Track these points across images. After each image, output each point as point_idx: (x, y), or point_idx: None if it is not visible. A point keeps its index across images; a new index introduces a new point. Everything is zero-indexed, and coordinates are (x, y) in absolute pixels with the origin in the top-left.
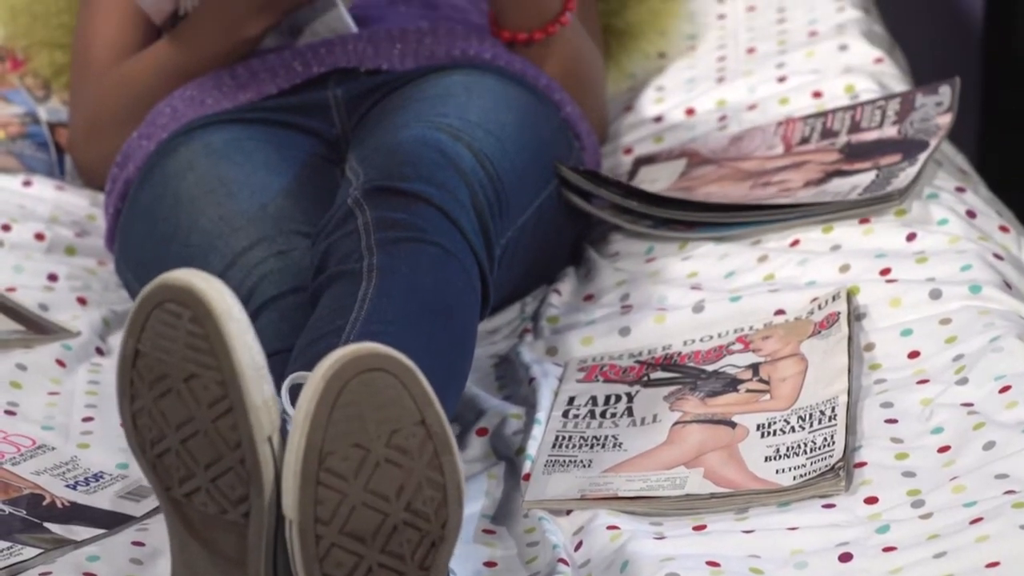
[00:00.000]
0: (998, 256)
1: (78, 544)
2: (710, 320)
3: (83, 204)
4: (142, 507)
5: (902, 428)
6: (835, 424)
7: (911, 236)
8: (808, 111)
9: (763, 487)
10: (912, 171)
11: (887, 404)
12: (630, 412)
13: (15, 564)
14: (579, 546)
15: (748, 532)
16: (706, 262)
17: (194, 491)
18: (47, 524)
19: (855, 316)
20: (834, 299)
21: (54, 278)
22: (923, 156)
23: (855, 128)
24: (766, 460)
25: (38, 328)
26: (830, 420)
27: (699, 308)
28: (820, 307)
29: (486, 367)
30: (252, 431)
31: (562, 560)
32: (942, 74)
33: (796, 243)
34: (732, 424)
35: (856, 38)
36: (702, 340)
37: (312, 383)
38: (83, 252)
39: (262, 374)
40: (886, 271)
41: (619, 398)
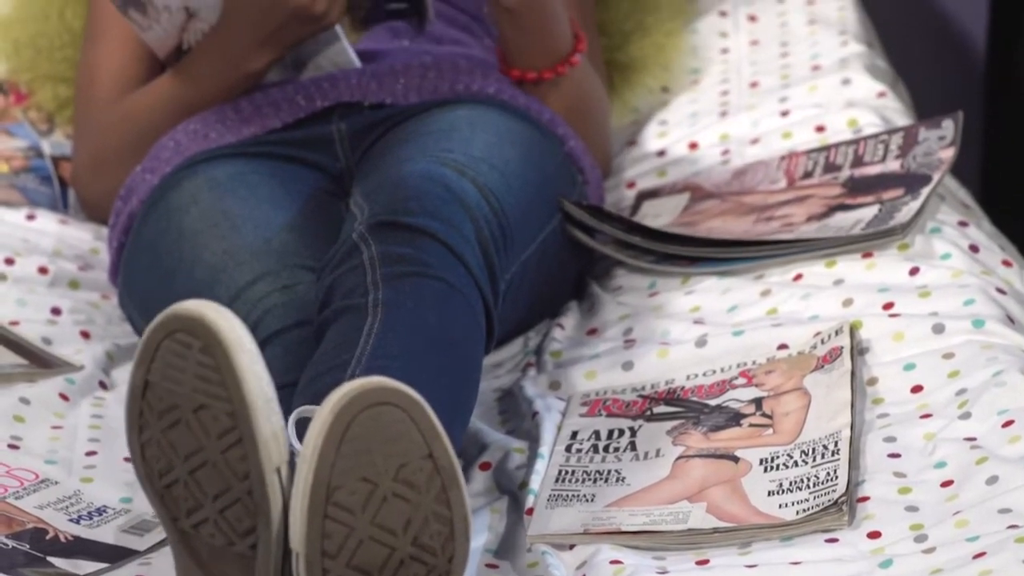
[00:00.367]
0: (1001, 291)
1: None
2: (713, 354)
3: (87, 238)
4: (145, 541)
5: (905, 462)
6: (838, 458)
7: (914, 270)
8: (811, 145)
9: (766, 521)
10: (915, 205)
11: (890, 438)
12: (633, 446)
13: None
14: None
15: (751, 567)
16: (709, 296)
17: (201, 522)
18: (50, 558)
19: (858, 350)
20: (837, 333)
21: (57, 312)
22: (926, 190)
23: (858, 162)
24: (769, 494)
25: (41, 362)
26: (833, 454)
27: (702, 342)
28: (823, 341)
29: (489, 401)
30: (261, 462)
31: None
32: (945, 108)
33: (799, 277)
34: (735, 458)
35: (859, 72)
36: (705, 374)
37: (320, 417)
38: (86, 286)
39: (272, 406)
40: (889, 305)
41: (622, 432)
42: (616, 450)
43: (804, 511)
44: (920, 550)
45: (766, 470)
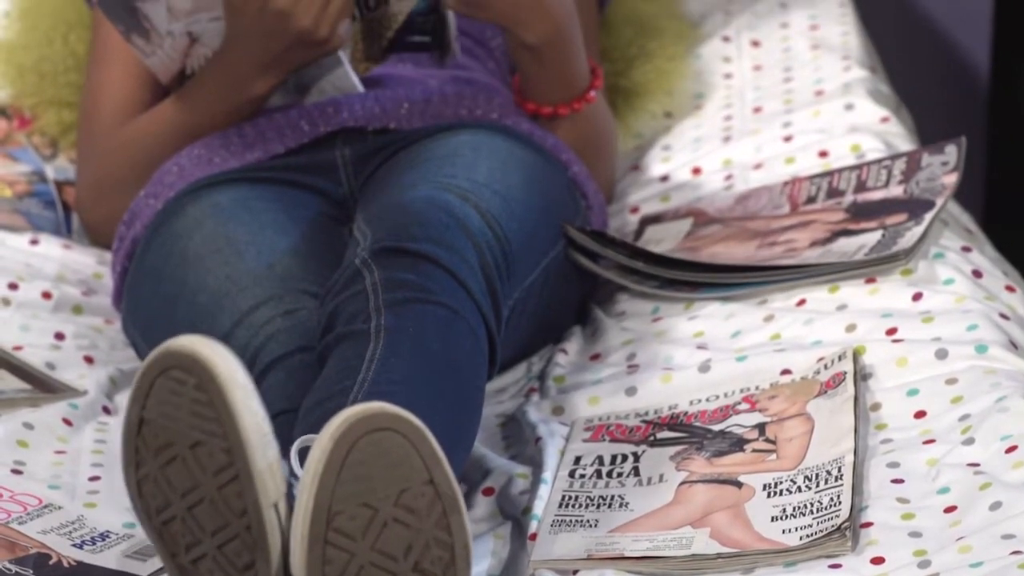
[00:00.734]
0: (1004, 316)
1: None
2: (716, 380)
3: (90, 263)
4: (148, 566)
5: (908, 488)
6: (841, 484)
7: (917, 296)
8: (814, 170)
9: (769, 547)
10: (918, 231)
11: (893, 464)
12: (636, 472)
13: None
14: None
15: None
16: (712, 322)
17: (200, 558)
18: None
19: (861, 376)
20: (840, 359)
21: (61, 337)
22: (929, 216)
23: (861, 188)
24: (772, 520)
25: (45, 387)
26: (836, 480)
27: (705, 368)
28: (826, 367)
29: (492, 426)
30: (258, 498)
31: None
32: (948, 134)
33: (802, 303)
34: (738, 484)
35: (862, 97)
36: (708, 400)
37: (320, 443)
38: (90, 311)
39: (267, 440)
40: (892, 331)
41: (625, 458)
42: (619, 475)
43: (807, 537)
44: None
45: (769, 495)
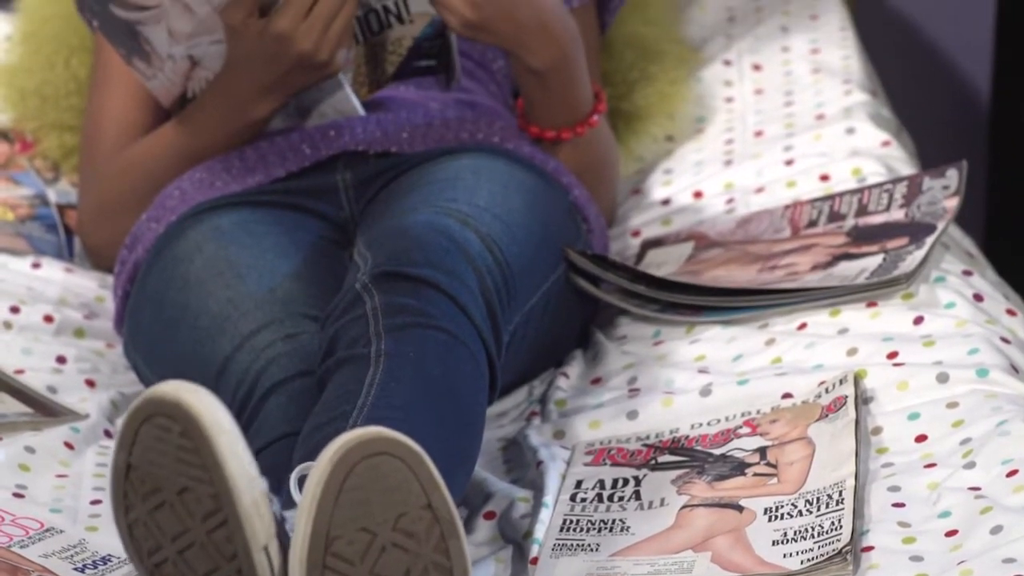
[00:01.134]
0: (1005, 340)
1: None
2: (717, 403)
3: (92, 286)
4: None
5: (909, 512)
6: (842, 508)
7: (918, 319)
8: (815, 194)
9: (771, 571)
10: (919, 254)
11: (894, 488)
12: (637, 496)
13: None
14: None
15: None
16: (713, 346)
17: None
18: None
19: (862, 400)
20: (841, 383)
21: (63, 360)
22: (930, 239)
23: (862, 211)
24: (773, 544)
25: (46, 410)
26: (837, 504)
27: (706, 392)
28: (827, 390)
29: (494, 450)
30: (247, 542)
31: None
32: (949, 158)
33: (803, 327)
34: (740, 508)
35: (863, 121)
36: (709, 424)
37: (318, 468)
38: (92, 334)
39: (254, 484)
40: (893, 355)
41: (627, 482)
42: (620, 499)
43: (809, 560)
44: None
45: (770, 519)
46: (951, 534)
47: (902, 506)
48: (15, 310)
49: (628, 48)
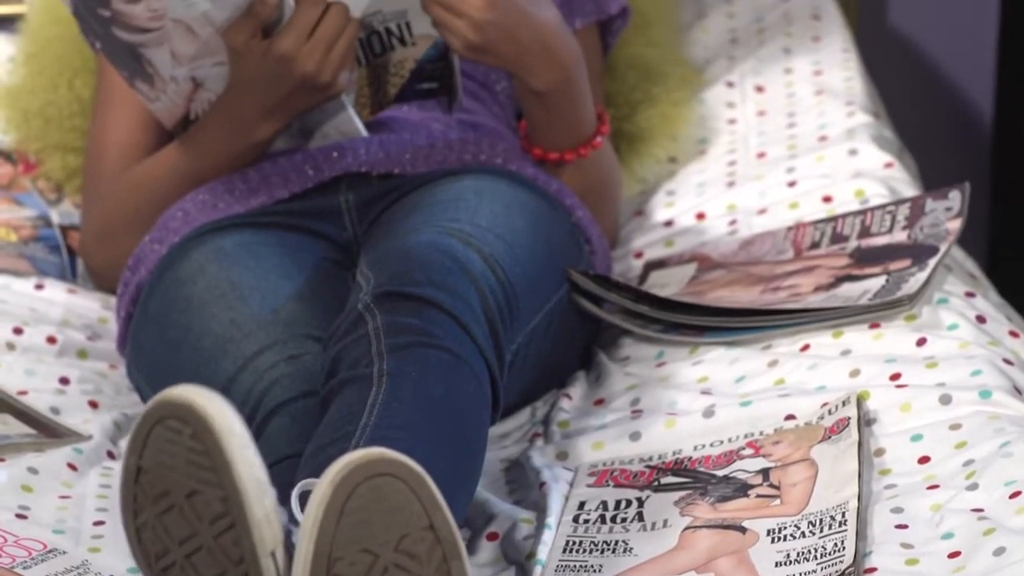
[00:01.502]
0: (1008, 361)
1: None
2: (720, 425)
3: (95, 307)
4: None
5: (912, 534)
6: (845, 529)
7: (921, 341)
8: (818, 216)
9: None
10: (922, 276)
11: (897, 509)
12: (640, 517)
13: None
14: None
15: None
16: (716, 367)
17: None
18: None
19: (865, 421)
20: (844, 404)
21: (66, 381)
22: (933, 261)
23: (865, 233)
24: (776, 566)
25: (49, 432)
26: (840, 525)
27: (709, 413)
28: (830, 412)
29: (496, 471)
30: (255, 547)
31: None
32: (951, 179)
33: (806, 348)
34: (743, 529)
35: (866, 143)
36: (712, 445)
37: (321, 488)
38: (95, 355)
39: (264, 489)
40: (896, 376)
41: (630, 503)
42: (623, 520)
43: None
44: None
45: (773, 541)
46: (954, 555)
47: (905, 528)
48: (18, 331)
49: (631, 69)
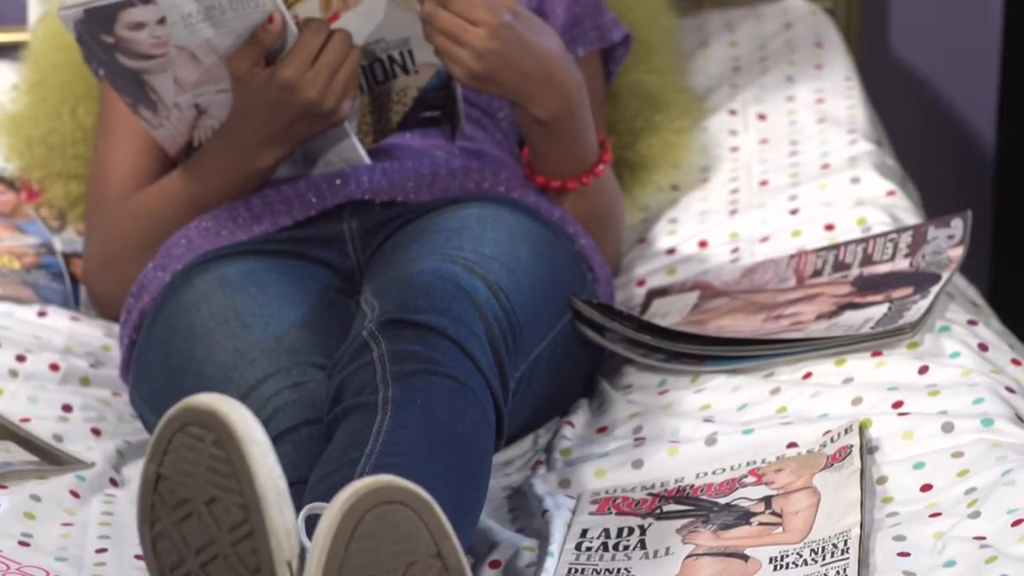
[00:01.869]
0: (1010, 389)
1: None
2: (723, 452)
3: (98, 335)
4: None
5: (914, 561)
6: (848, 557)
7: (923, 369)
8: (820, 243)
9: None
10: (924, 304)
11: (899, 537)
12: (643, 545)
13: None
14: None
15: None
16: (719, 395)
17: None
18: None
19: (867, 449)
20: (846, 432)
21: (68, 409)
22: (935, 289)
23: (867, 261)
24: None
25: (52, 459)
26: (843, 553)
27: (712, 441)
28: (832, 440)
29: (499, 499)
30: (272, 555)
31: None
32: (954, 207)
33: (808, 376)
34: (745, 557)
35: (868, 171)
36: (715, 473)
37: (329, 515)
38: (97, 383)
39: (283, 498)
40: (898, 404)
41: (632, 531)
42: (626, 548)
43: None
44: None
45: (776, 568)
46: None
47: (907, 555)
48: (21, 359)
49: (633, 97)
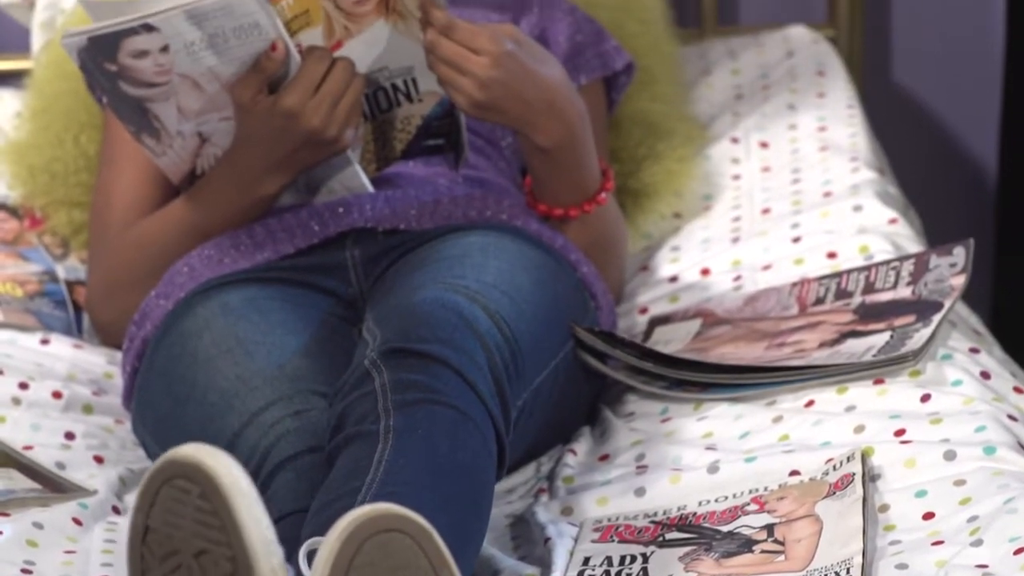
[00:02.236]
0: (1012, 417)
1: None
2: (725, 480)
3: (100, 362)
4: None
5: None
6: None
7: (925, 397)
8: (823, 271)
9: None
10: (926, 332)
11: (902, 565)
12: (645, 573)
13: None
14: None
15: None
16: (721, 423)
17: None
18: None
19: (870, 477)
20: (849, 460)
21: (71, 436)
22: (937, 317)
23: (869, 289)
24: None
25: (55, 487)
26: None
27: (714, 469)
28: (835, 468)
29: (501, 527)
30: None
31: None
32: (956, 235)
33: (811, 404)
34: None
35: (870, 199)
36: (717, 500)
37: (327, 544)
38: (100, 410)
39: (271, 548)
40: (900, 432)
41: (634, 558)
42: None
43: None
44: None
45: None
46: None
47: None
48: (24, 386)
49: (636, 125)
